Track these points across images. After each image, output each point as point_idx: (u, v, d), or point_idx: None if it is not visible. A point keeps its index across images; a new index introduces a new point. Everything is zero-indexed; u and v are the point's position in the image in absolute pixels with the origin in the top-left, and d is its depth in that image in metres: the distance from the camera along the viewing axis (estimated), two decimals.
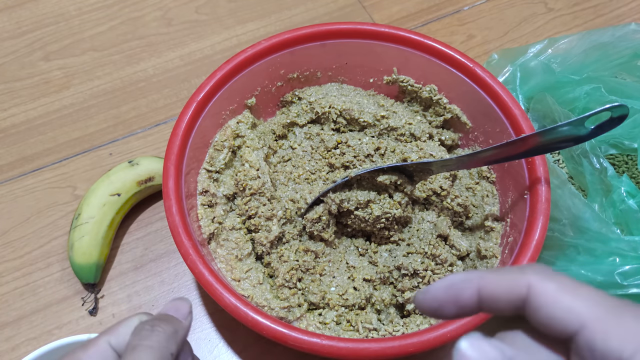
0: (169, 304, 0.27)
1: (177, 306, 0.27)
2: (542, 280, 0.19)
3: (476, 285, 0.21)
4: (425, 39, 0.47)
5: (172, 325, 0.25)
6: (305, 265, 0.43)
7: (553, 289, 0.19)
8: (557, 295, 0.19)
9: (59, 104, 0.59)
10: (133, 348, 0.23)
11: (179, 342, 0.25)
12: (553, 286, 0.19)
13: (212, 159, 0.46)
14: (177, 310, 0.27)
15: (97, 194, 0.48)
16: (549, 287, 0.19)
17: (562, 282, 0.19)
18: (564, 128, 0.35)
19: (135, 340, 0.24)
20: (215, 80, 0.45)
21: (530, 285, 0.19)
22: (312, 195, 0.45)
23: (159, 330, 0.24)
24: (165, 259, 0.50)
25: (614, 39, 0.51)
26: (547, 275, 0.20)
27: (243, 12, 0.67)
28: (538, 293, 0.19)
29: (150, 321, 0.25)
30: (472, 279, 0.21)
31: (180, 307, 0.27)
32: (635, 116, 0.48)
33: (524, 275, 0.20)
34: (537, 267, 0.20)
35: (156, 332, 0.24)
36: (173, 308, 0.27)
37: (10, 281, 0.48)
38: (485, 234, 0.44)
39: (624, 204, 0.42)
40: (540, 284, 0.19)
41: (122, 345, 0.25)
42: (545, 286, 0.19)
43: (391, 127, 0.48)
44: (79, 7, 0.67)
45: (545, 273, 0.20)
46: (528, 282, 0.20)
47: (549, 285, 0.19)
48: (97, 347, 0.24)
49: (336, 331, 0.41)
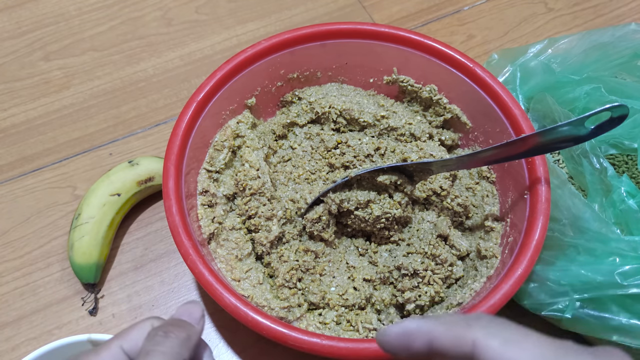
0: (181, 308, 0.27)
1: (189, 310, 0.27)
2: (486, 336, 0.20)
3: (426, 336, 0.21)
4: (425, 39, 0.47)
5: (185, 331, 0.25)
6: (305, 265, 0.43)
7: (497, 346, 0.19)
8: (501, 352, 0.19)
9: (59, 104, 0.59)
10: (147, 353, 0.23)
11: (192, 347, 0.25)
12: (497, 343, 0.19)
13: (212, 159, 0.46)
14: (190, 314, 0.27)
15: (97, 194, 0.48)
16: (492, 344, 0.19)
17: (506, 337, 0.20)
18: (564, 128, 0.35)
19: (149, 345, 0.24)
20: (215, 80, 0.45)
21: (474, 342, 0.20)
22: (312, 195, 0.45)
23: (172, 337, 0.24)
24: (165, 259, 0.50)
25: (614, 39, 0.51)
26: (492, 330, 0.20)
27: (243, 12, 0.67)
28: (483, 350, 0.19)
29: (163, 326, 0.25)
30: (423, 329, 0.21)
31: (192, 312, 0.27)
32: (635, 116, 0.48)
33: (469, 331, 0.20)
34: (483, 320, 0.20)
35: (170, 338, 0.24)
36: (186, 312, 0.27)
37: (10, 281, 0.48)
38: (485, 234, 0.44)
39: (624, 204, 0.42)
40: (484, 341, 0.20)
41: (134, 350, 0.25)
42: (489, 343, 0.19)
43: (391, 127, 0.48)
44: (79, 7, 0.67)
45: (491, 327, 0.20)
46: (473, 338, 0.20)
47: (492, 342, 0.19)
48: (109, 351, 0.24)
49: (336, 331, 0.41)
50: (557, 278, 0.40)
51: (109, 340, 0.25)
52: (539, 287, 0.41)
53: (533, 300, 0.41)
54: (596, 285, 0.39)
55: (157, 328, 0.25)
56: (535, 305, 0.41)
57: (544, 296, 0.40)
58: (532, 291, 0.41)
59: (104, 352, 0.24)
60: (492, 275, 0.40)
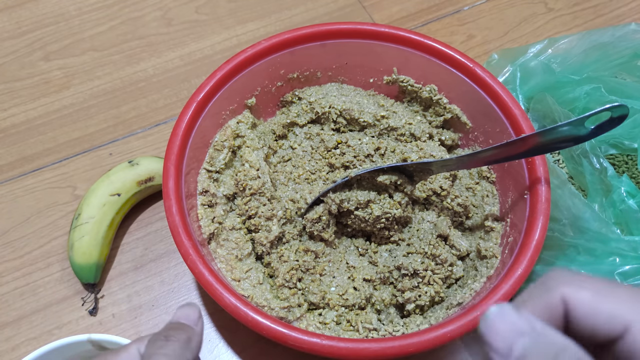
0: (178, 311, 0.28)
1: (186, 313, 0.27)
2: (576, 290, 0.19)
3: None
4: (425, 39, 0.47)
5: (186, 333, 0.26)
6: (305, 265, 0.43)
7: (589, 298, 0.18)
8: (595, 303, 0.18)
9: (59, 104, 0.59)
10: (149, 356, 0.24)
11: (194, 348, 0.26)
12: (588, 295, 0.18)
13: (212, 159, 0.46)
14: (187, 317, 0.27)
15: (97, 194, 0.48)
16: (584, 297, 0.18)
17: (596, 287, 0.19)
18: (564, 128, 0.35)
19: (152, 349, 0.24)
20: (215, 80, 0.45)
21: (564, 300, 0.19)
22: (312, 195, 0.45)
23: (173, 340, 0.25)
24: (165, 259, 0.50)
25: (614, 39, 0.51)
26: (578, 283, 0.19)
27: (243, 12, 0.67)
28: (575, 306, 0.18)
29: (163, 332, 0.25)
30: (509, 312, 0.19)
31: (189, 314, 0.27)
32: (635, 116, 0.48)
33: (554, 292, 0.19)
34: (563, 275, 0.19)
35: (171, 342, 0.25)
36: (183, 316, 0.27)
37: (10, 281, 0.48)
38: (485, 234, 0.44)
39: (624, 204, 0.42)
40: (574, 295, 0.18)
41: None
42: (580, 296, 0.18)
43: (391, 127, 0.48)
44: (79, 7, 0.67)
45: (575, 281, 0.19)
46: (561, 296, 0.19)
47: (584, 294, 0.18)
48: (127, 352, 0.25)
49: (336, 331, 0.41)
50: None
51: (129, 343, 0.26)
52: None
53: None
54: None
55: (157, 333, 0.25)
56: None
57: None
58: None
59: (123, 354, 0.25)
60: (492, 275, 0.40)
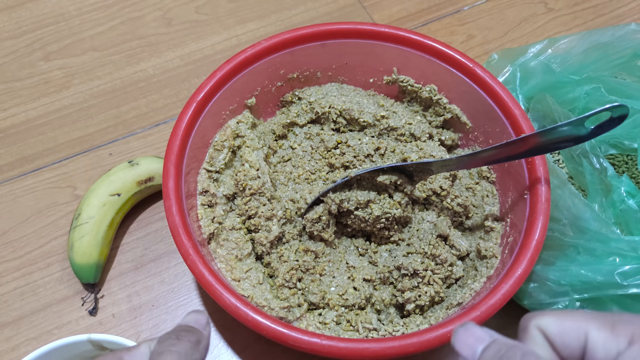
0: (188, 316, 0.29)
1: (195, 318, 0.28)
2: (542, 317, 0.23)
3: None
4: (425, 39, 0.47)
5: (195, 335, 0.27)
6: (305, 265, 0.43)
7: (553, 320, 0.22)
8: (559, 323, 0.22)
9: (59, 104, 0.59)
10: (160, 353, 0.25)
11: (202, 350, 0.27)
12: (552, 317, 0.23)
13: (212, 159, 0.46)
14: (197, 321, 0.28)
15: (97, 194, 0.48)
16: (550, 320, 0.23)
17: (556, 313, 0.23)
18: (564, 128, 0.35)
19: (162, 347, 0.25)
20: (215, 80, 0.45)
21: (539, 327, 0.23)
22: (312, 195, 0.45)
23: (184, 339, 0.26)
24: (165, 259, 0.50)
25: (614, 39, 0.51)
26: (542, 314, 0.23)
27: (243, 12, 0.67)
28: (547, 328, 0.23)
29: (174, 332, 0.26)
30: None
31: (199, 319, 0.28)
32: (635, 116, 0.48)
33: (529, 326, 0.23)
34: (530, 314, 0.24)
35: (182, 341, 0.26)
36: (192, 320, 0.28)
37: (10, 281, 0.48)
38: (485, 234, 0.44)
39: (624, 204, 0.42)
40: (543, 321, 0.23)
41: None
42: (546, 322, 0.23)
43: (391, 127, 0.48)
44: (79, 7, 0.67)
45: (539, 313, 0.23)
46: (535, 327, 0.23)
47: (549, 318, 0.23)
48: (139, 350, 0.26)
49: (336, 331, 0.41)
50: (557, 278, 0.40)
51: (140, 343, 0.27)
52: (539, 287, 0.41)
53: (533, 300, 0.41)
54: (596, 285, 0.39)
55: (169, 333, 0.26)
56: (535, 305, 0.41)
57: (544, 296, 0.40)
58: (532, 291, 0.41)
59: (135, 351, 0.26)
60: (492, 275, 0.40)
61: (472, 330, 0.24)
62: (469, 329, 0.24)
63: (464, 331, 0.24)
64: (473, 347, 0.23)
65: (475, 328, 0.24)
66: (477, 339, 0.23)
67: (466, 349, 0.23)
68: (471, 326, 0.24)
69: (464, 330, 0.24)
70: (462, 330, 0.24)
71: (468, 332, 0.23)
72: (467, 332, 0.24)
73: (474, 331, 0.23)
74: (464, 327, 0.24)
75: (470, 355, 0.23)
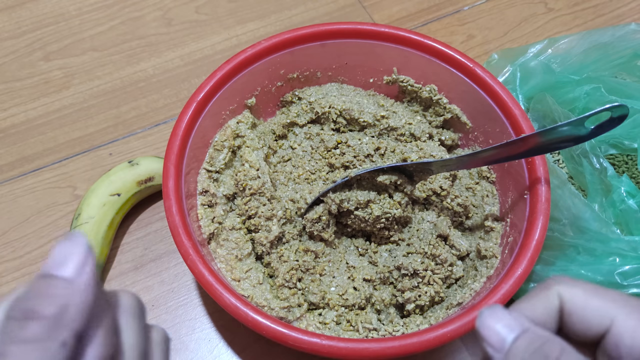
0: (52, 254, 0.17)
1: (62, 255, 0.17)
2: (570, 288, 0.21)
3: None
4: (425, 39, 0.47)
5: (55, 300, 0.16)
6: (305, 265, 0.43)
7: (581, 295, 0.21)
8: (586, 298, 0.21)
9: (59, 104, 0.59)
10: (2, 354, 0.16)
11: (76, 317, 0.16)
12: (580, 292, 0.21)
13: (212, 159, 0.46)
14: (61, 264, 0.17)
15: (97, 194, 0.48)
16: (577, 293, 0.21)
17: (587, 287, 0.21)
18: (564, 128, 0.35)
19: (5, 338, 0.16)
20: (215, 80, 0.45)
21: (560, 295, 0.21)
22: (312, 195, 0.45)
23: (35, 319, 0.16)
24: (165, 259, 0.50)
25: (614, 39, 0.51)
26: (573, 283, 0.21)
27: (243, 12, 0.67)
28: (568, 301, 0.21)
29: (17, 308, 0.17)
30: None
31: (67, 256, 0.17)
32: (635, 116, 0.48)
33: (551, 290, 0.21)
34: (561, 277, 0.22)
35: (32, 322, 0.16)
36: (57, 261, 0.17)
37: (10, 281, 0.48)
38: (485, 234, 0.44)
39: (624, 204, 0.42)
40: (568, 292, 0.21)
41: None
42: (573, 292, 0.21)
43: (391, 127, 0.48)
44: (79, 7, 0.67)
45: (570, 282, 0.21)
46: (557, 293, 0.21)
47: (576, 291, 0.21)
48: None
49: (336, 331, 0.41)
50: None
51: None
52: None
53: None
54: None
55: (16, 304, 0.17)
56: None
57: None
58: None
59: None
60: (492, 275, 0.40)
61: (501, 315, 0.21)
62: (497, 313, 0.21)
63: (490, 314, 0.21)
64: (501, 335, 0.20)
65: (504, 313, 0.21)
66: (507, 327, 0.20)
67: (494, 336, 0.20)
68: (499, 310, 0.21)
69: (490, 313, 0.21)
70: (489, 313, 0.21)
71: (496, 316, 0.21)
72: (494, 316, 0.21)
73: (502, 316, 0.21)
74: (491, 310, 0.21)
75: (498, 343, 0.20)
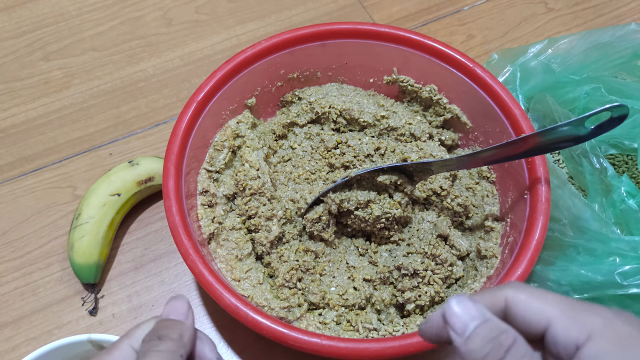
0: (167, 307, 0.27)
1: (175, 307, 0.27)
2: (516, 292, 0.24)
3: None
4: (425, 39, 0.47)
5: (177, 330, 0.26)
6: (305, 265, 0.43)
7: (524, 298, 0.23)
8: (528, 302, 0.23)
9: (59, 104, 0.59)
10: (144, 354, 0.24)
11: (187, 344, 0.26)
12: (524, 296, 0.23)
13: (212, 159, 0.46)
14: (177, 311, 0.27)
15: (97, 194, 0.48)
16: (521, 297, 0.23)
17: (532, 292, 0.24)
18: (564, 128, 0.35)
19: (146, 347, 0.25)
20: (215, 80, 0.45)
21: (506, 298, 0.24)
22: (312, 195, 0.45)
23: (166, 339, 0.25)
24: (165, 259, 0.50)
25: (614, 39, 0.51)
26: (520, 288, 0.24)
27: (243, 12, 0.67)
28: (512, 303, 0.24)
29: (155, 331, 0.26)
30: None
31: (178, 307, 0.27)
32: (635, 116, 0.48)
33: (501, 292, 0.24)
34: (512, 283, 0.25)
35: (164, 340, 0.25)
36: (172, 310, 0.27)
37: (10, 281, 0.48)
38: (485, 234, 0.44)
39: (624, 204, 0.42)
40: (514, 295, 0.24)
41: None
42: (518, 296, 0.24)
43: (391, 127, 0.48)
44: (79, 7, 0.67)
45: (518, 287, 0.24)
46: (505, 296, 0.24)
47: (521, 295, 0.24)
48: (120, 350, 0.25)
49: (336, 331, 0.41)
50: (557, 278, 0.40)
51: (118, 340, 0.26)
52: (539, 287, 0.41)
53: None
54: (596, 285, 0.39)
55: (150, 333, 0.25)
56: None
57: None
58: None
59: (115, 352, 0.25)
60: (492, 275, 0.40)
61: (466, 305, 0.23)
62: (463, 303, 0.23)
63: (457, 303, 0.23)
64: (464, 322, 0.23)
65: (470, 303, 0.23)
66: (470, 315, 0.23)
67: (457, 322, 0.23)
68: (465, 300, 0.23)
69: (457, 303, 0.23)
70: (456, 302, 0.23)
71: (462, 305, 0.23)
72: (460, 305, 0.23)
73: (467, 306, 0.23)
74: (457, 300, 0.23)
75: (460, 329, 0.23)
